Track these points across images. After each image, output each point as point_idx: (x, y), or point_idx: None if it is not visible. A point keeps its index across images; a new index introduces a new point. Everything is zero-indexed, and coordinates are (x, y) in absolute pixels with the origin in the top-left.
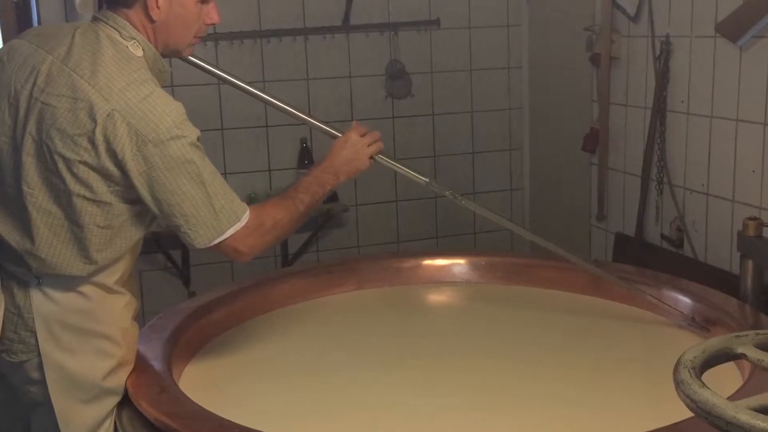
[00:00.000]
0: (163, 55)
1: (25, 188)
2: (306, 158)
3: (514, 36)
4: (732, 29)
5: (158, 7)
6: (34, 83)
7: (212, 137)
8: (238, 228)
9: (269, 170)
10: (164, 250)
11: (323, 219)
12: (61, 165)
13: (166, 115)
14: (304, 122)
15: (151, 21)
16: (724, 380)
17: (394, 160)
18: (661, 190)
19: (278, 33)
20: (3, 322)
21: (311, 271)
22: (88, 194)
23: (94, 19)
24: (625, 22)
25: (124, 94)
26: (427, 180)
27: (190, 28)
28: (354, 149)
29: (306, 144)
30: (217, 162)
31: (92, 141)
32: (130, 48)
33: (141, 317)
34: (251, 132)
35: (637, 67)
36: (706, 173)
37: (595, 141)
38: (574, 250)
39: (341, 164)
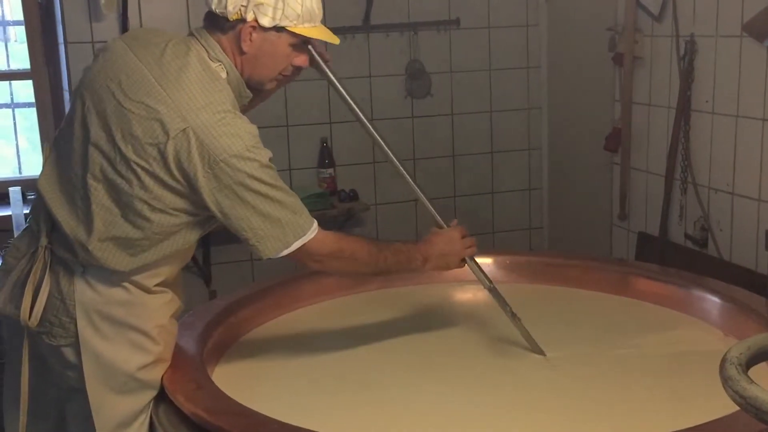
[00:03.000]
0: (247, 84)
1: (90, 181)
2: (326, 157)
3: (533, 36)
4: (759, 29)
5: (251, 41)
6: (119, 84)
7: None
8: (306, 241)
9: (290, 169)
10: None
11: (344, 218)
12: (128, 168)
13: (239, 137)
14: (417, 197)
15: (242, 52)
16: (754, 377)
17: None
18: (685, 189)
19: None
20: (46, 305)
21: None
22: (149, 200)
23: (190, 34)
24: (648, 22)
25: (202, 113)
26: (492, 286)
27: (276, 66)
28: (453, 246)
29: (326, 143)
30: None
31: (163, 153)
32: (215, 68)
33: None
34: (272, 131)
35: (660, 67)
36: (731, 173)
37: (617, 140)
38: (595, 248)
39: (435, 254)
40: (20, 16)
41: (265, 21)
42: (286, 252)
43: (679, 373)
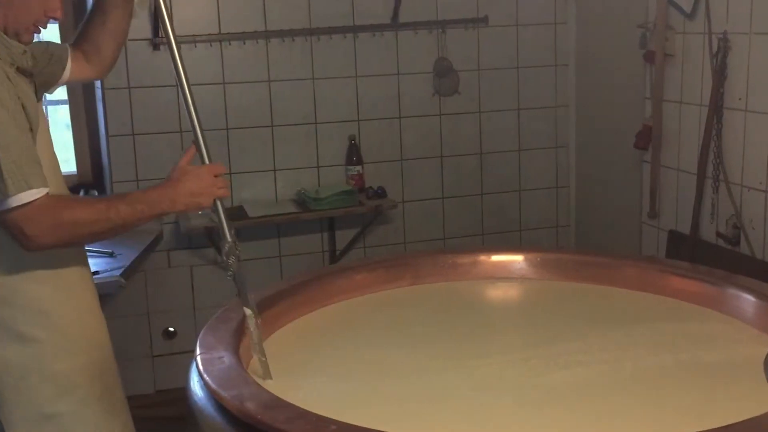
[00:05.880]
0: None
1: None
2: (354, 154)
3: (561, 33)
4: None
5: None
6: None
7: (262, 134)
8: (26, 200)
9: (318, 167)
10: (215, 244)
11: (372, 215)
12: None
13: None
14: (192, 127)
15: None
16: None
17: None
18: (717, 187)
19: (328, 31)
20: None
21: (368, 266)
22: None
23: None
24: (679, 19)
25: None
26: (230, 242)
27: (30, 13)
28: (203, 184)
29: (354, 140)
30: (266, 158)
31: None
32: None
33: (192, 311)
34: (300, 129)
35: (692, 65)
36: (765, 170)
37: (647, 138)
38: (623, 246)
39: (184, 194)
40: None
41: None
42: (5, 206)
43: (713, 370)
